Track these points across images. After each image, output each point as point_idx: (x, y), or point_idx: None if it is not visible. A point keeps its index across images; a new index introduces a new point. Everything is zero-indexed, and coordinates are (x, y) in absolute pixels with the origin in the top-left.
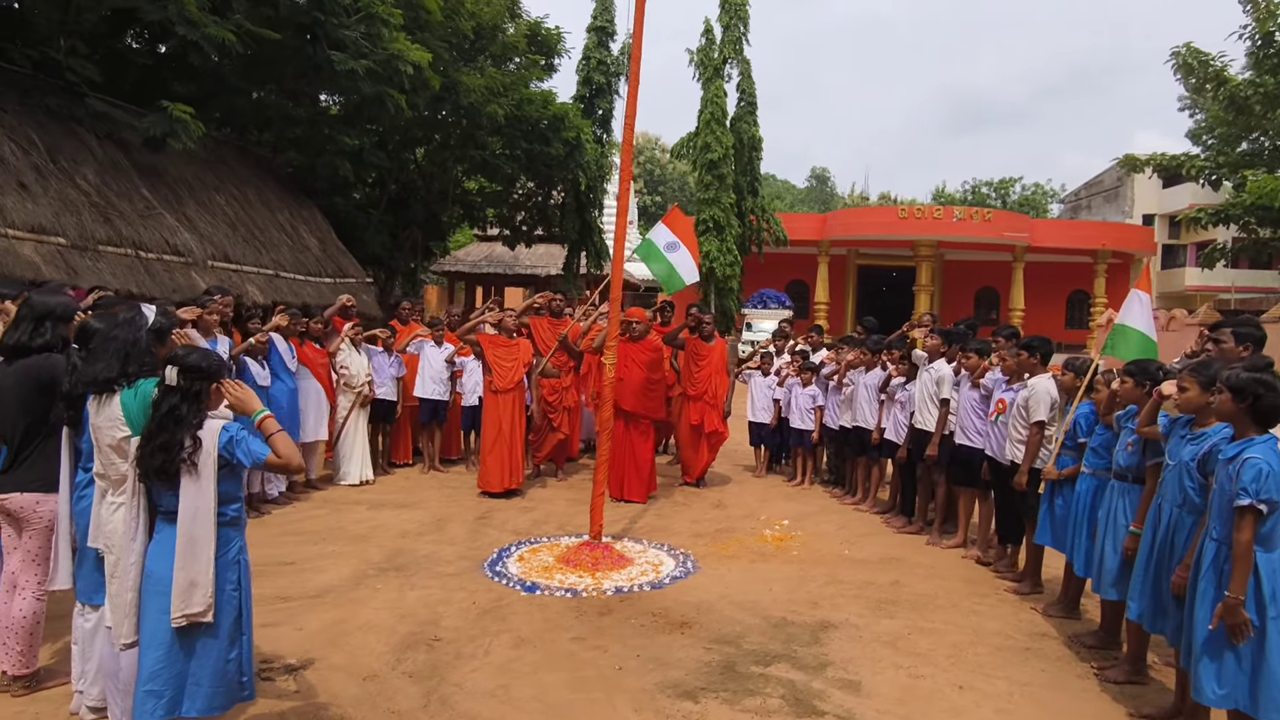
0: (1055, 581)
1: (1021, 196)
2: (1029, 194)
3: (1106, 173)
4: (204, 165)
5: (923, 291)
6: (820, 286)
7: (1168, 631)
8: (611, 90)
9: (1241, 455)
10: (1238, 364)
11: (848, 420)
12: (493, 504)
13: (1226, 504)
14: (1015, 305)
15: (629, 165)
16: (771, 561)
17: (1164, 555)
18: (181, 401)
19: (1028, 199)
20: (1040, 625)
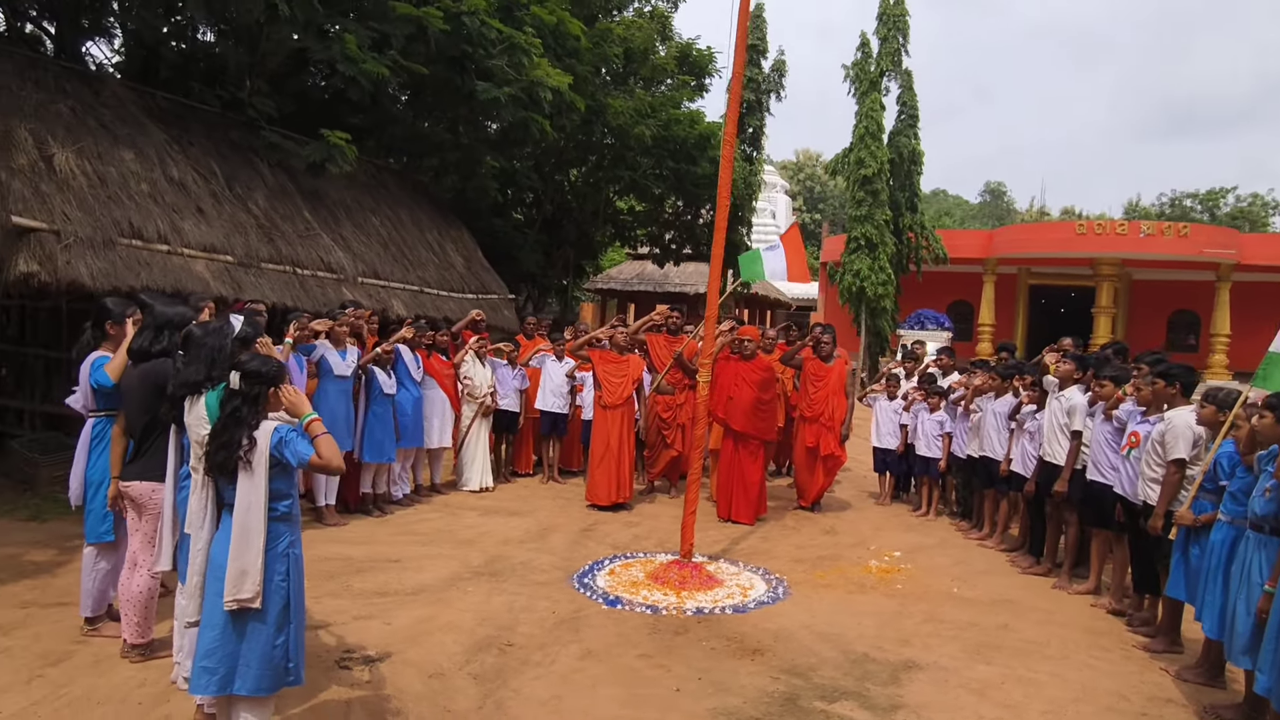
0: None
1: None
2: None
3: None
4: (363, 189)
5: (1103, 314)
6: (985, 307)
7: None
8: (762, 108)
9: None
10: None
11: (975, 449)
12: (599, 517)
13: None
14: (1219, 330)
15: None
16: (870, 593)
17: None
18: (242, 404)
19: (1242, 212)
20: (1168, 689)
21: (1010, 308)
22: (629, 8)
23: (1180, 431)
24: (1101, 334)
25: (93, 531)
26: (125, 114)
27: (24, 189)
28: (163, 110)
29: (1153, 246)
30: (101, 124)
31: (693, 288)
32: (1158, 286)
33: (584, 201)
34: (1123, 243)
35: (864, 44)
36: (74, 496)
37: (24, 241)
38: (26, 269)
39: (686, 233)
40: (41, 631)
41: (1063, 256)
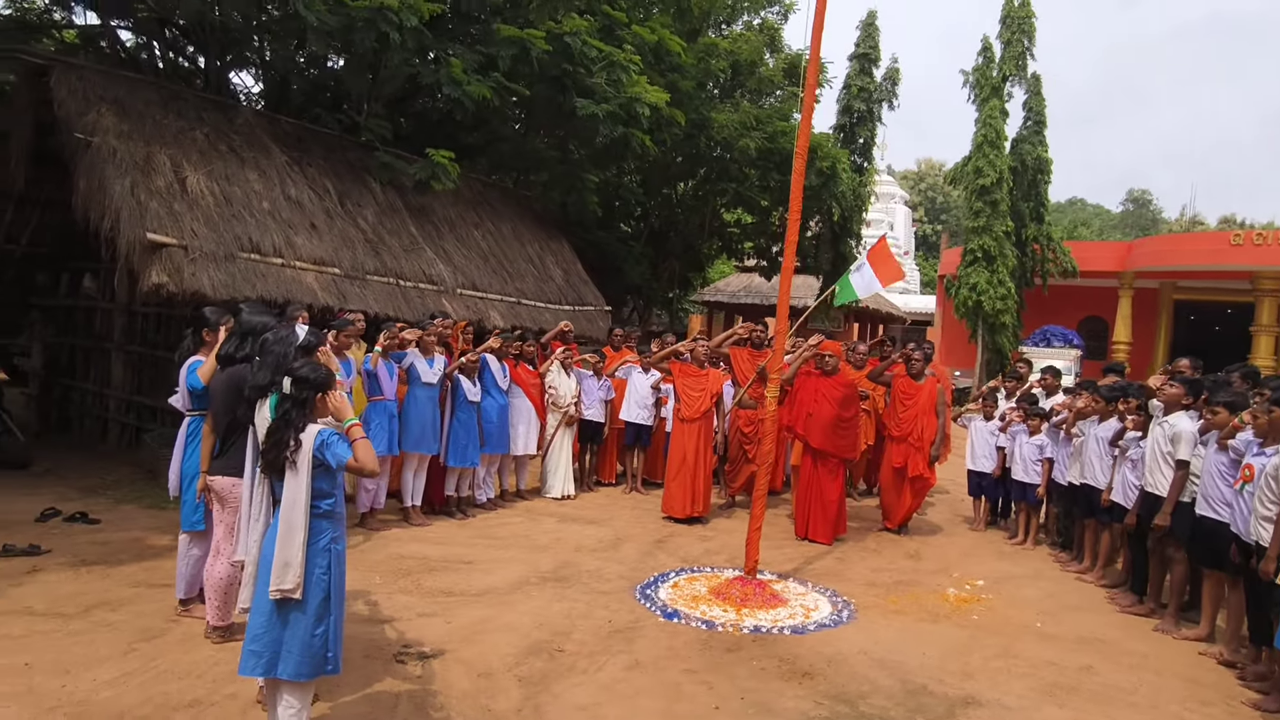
0: None
1: None
2: None
3: None
4: (467, 205)
5: (1264, 333)
6: (1121, 324)
7: None
8: (873, 118)
9: None
10: None
11: (1075, 476)
12: (675, 529)
13: None
14: None
15: (803, 158)
16: (942, 623)
17: None
18: (292, 407)
19: None
20: None
21: (1151, 324)
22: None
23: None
24: (1262, 355)
25: (186, 520)
26: (253, 138)
27: (160, 209)
28: (286, 134)
29: None
30: (231, 148)
31: (800, 300)
32: None
33: (690, 214)
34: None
35: (985, 48)
36: (172, 487)
37: (156, 256)
38: (157, 280)
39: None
40: (144, 609)
41: (1214, 269)
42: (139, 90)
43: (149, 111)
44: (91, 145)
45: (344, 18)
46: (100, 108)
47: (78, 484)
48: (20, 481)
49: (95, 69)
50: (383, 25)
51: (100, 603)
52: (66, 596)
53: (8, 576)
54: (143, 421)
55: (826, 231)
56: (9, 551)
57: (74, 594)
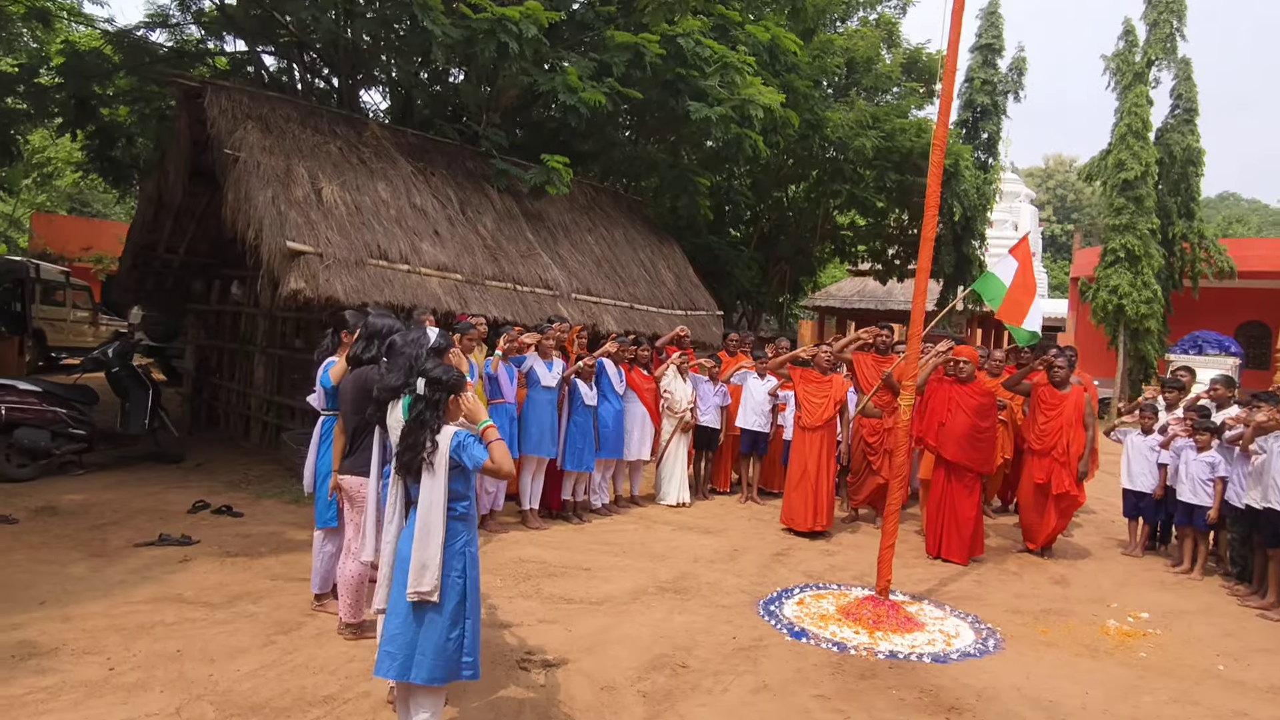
0: None
1: None
2: None
3: None
4: (581, 210)
5: None
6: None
7: None
8: (998, 110)
9: None
10: None
11: (1256, 498)
12: (794, 542)
13: None
14: None
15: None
16: (1103, 659)
17: None
18: (426, 409)
19: None
20: None
21: None
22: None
23: None
24: None
25: (320, 517)
26: (382, 150)
27: (298, 218)
28: (411, 145)
29: None
30: (361, 160)
31: None
32: None
33: (802, 217)
34: None
35: (1128, 31)
36: (306, 485)
37: (295, 263)
38: (295, 286)
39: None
40: (282, 602)
41: None
42: (280, 108)
43: (289, 128)
44: (239, 160)
45: (466, 30)
46: (246, 125)
47: (224, 478)
48: (174, 475)
49: (243, 89)
50: (502, 35)
51: (243, 594)
52: (213, 586)
53: (164, 564)
54: (282, 420)
55: (948, 232)
56: (165, 541)
57: (219, 584)
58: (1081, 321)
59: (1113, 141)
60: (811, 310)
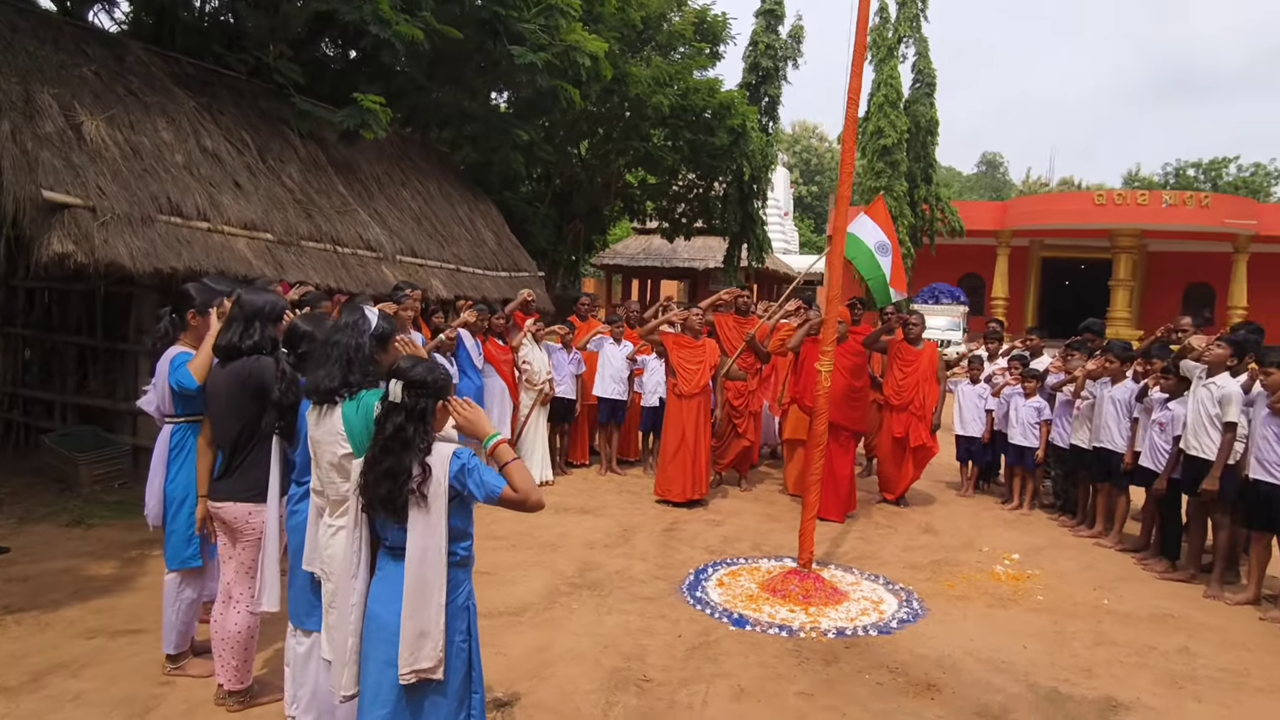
0: None
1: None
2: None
3: None
4: (391, 161)
5: (1120, 287)
6: (999, 280)
7: None
8: (779, 75)
9: None
10: None
11: (1084, 439)
12: (676, 514)
13: None
14: (1236, 303)
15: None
16: (1013, 608)
17: None
18: (407, 421)
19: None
20: None
21: (1022, 280)
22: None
23: None
24: (1119, 308)
25: (175, 556)
26: (153, 80)
27: (54, 160)
28: (189, 77)
29: (1174, 218)
30: (130, 91)
31: (702, 263)
32: (1174, 258)
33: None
34: (1144, 214)
35: (882, 8)
36: (152, 516)
37: (57, 218)
38: (61, 249)
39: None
40: (117, 671)
41: (1080, 228)
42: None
43: (19, 42)
44: None
45: None
46: None
47: None
48: None
49: None
50: None
51: (54, 666)
52: (2, 662)
53: None
54: (32, 418)
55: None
56: None
57: (10, 657)
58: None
59: (871, 110)
60: (598, 269)
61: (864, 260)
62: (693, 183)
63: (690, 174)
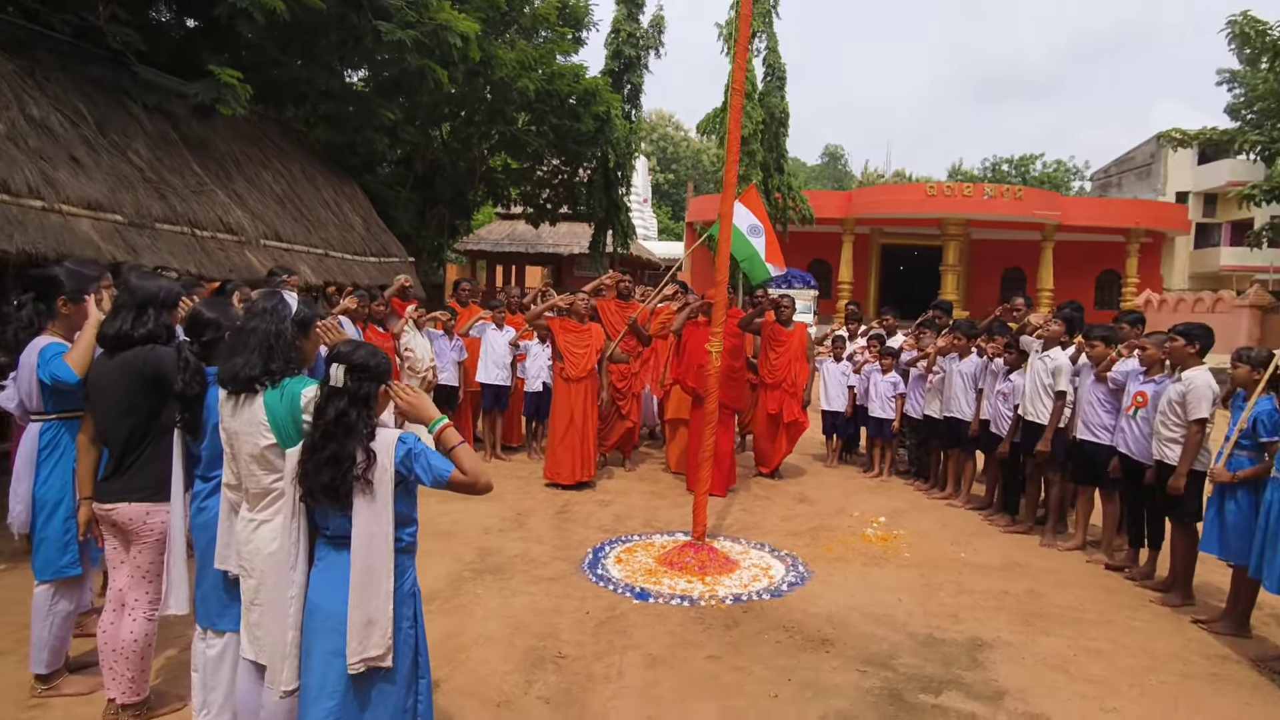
0: (1203, 590)
1: (1042, 174)
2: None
3: (1139, 149)
4: (248, 140)
5: (949, 272)
6: (844, 266)
7: None
8: (641, 64)
9: None
10: None
11: (935, 410)
12: (567, 497)
13: None
14: (1044, 285)
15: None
16: (885, 566)
17: None
18: (350, 406)
19: (1049, 176)
20: (1212, 645)
21: (865, 266)
22: None
23: (1203, 392)
24: (949, 291)
25: (49, 566)
26: None
27: None
28: (4, 35)
29: (994, 208)
30: None
31: (567, 249)
32: (993, 245)
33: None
34: (969, 204)
35: (737, 2)
36: (18, 524)
37: None
38: None
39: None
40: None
41: (915, 217)
42: None
43: None
44: None
45: None
46: None
47: None
48: None
49: None
50: None
51: None
52: None
53: None
54: None
55: (599, 178)
56: None
57: None
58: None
59: (727, 102)
60: (461, 254)
61: (737, 242)
62: (557, 168)
63: (555, 160)
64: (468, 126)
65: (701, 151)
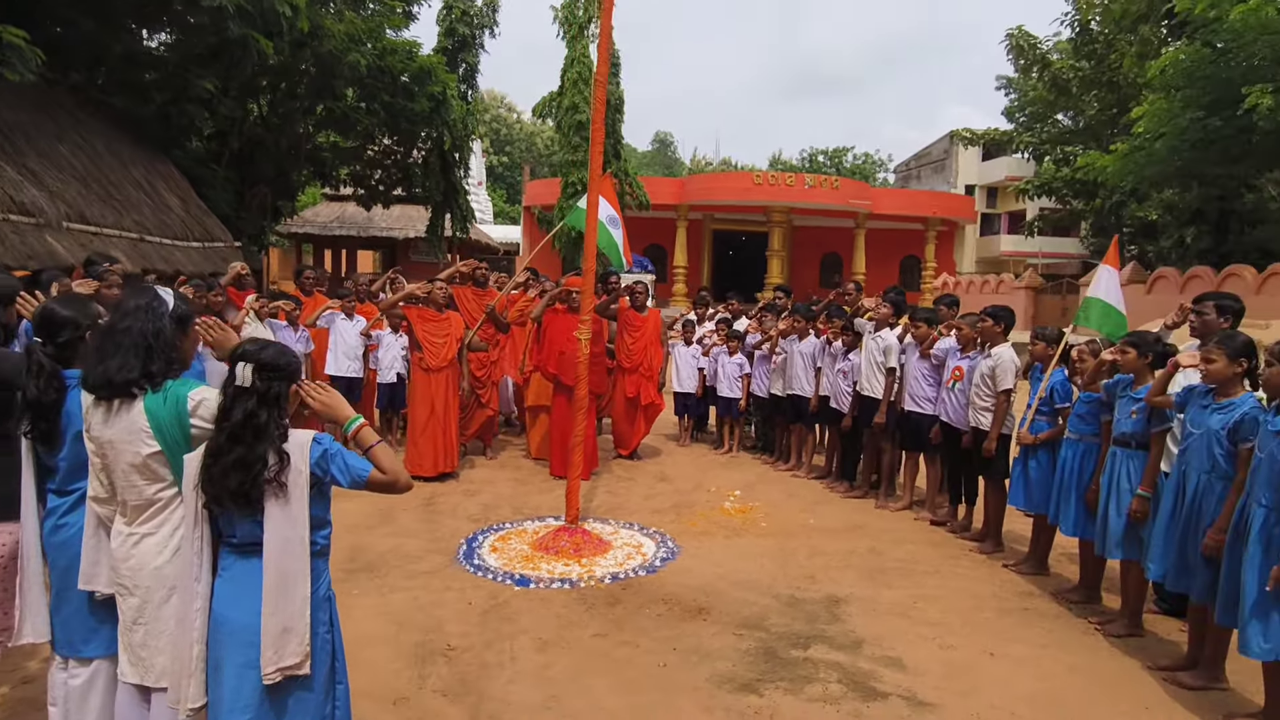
0: (1010, 538)
1: (853, 165)
2: (859, 163)
3: (934, 145)
4: (36, 109)
5: (775, 257)
6: (679, 251)
7: (1194, 589)
8: (476, 43)
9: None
10: None
11: (779, 388)
12: (431, 489)
13: (1278, 474)
14: (857, 270)
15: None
16: (745, 536)
17: (1191, 520)
18: (260, 407)
19: (858, 168)
20: (1021, 584)
21: (698, 251)
22: None
23: (1008, 366)
24: (774, 275)
25: None
26: None
27: None
28: None
29: (814, 197)
30: None
31: (401, 232)
32: (813, 232)
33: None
34: (792, 193)
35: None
36: None
37: None
38: None
39: (399, 173)
40: None
41: (743, 204)
42: None
43: None
44: None
45: None
46: None
47: None
48: None
49: None
50: None
51: None
52: None
53: None
54: None
55: (436, 160)
56: None
57: None
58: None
59: (564, 86)
60: (285, 238)
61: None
62: (390, 148)
63: (388, 139)
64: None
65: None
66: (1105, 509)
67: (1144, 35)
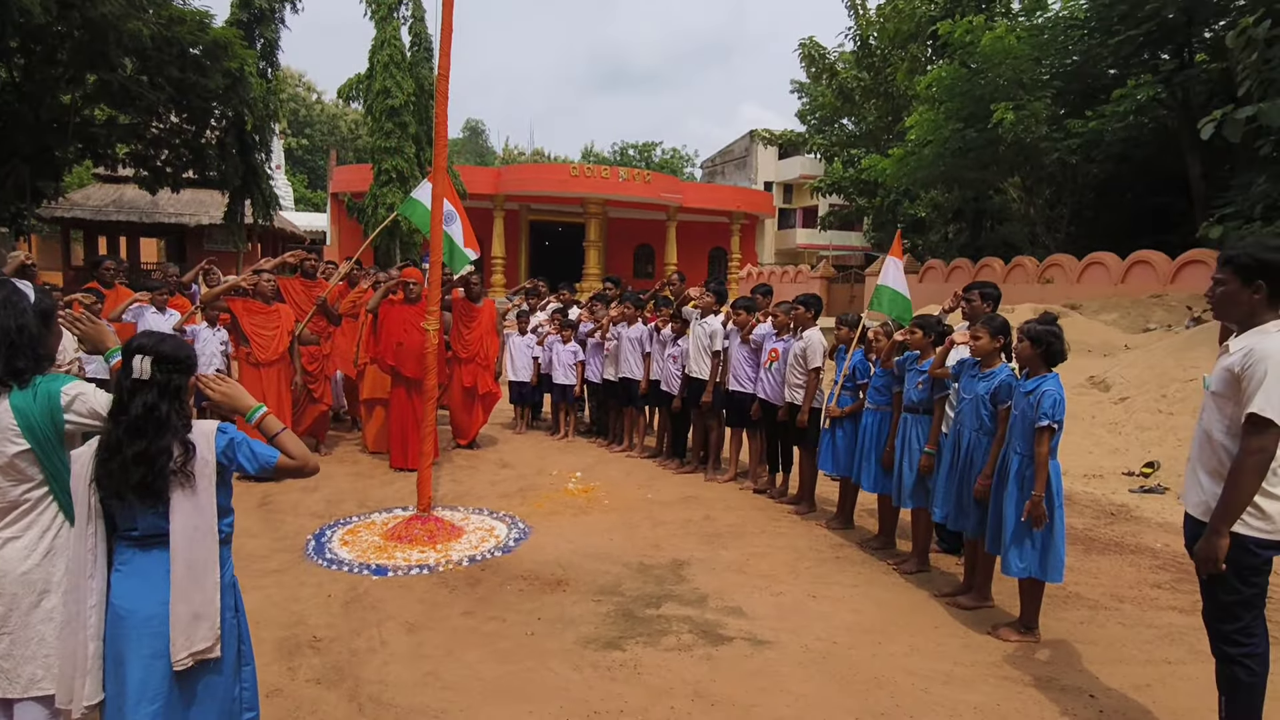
0: (820, 499)
1: (662, 159)
2: (668, 158)
3: (737, 143)
4: None
5: (592, 247)
6: (496, 241)
7: (968, 527)
8: (275, 17)
9: (1040, 389)
10: (1034, 320)
11: (612, 374)
12: (265, 488)
13: (1028, 427)
14: (669, 260)
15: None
16: (592, 513)
17: (965, 470)
18: (160, 400)
19: (667, 162)
20: (832, 538)
21: (516, 241)
22: None
23: (817, 347)
24: (592, 265)
25: None
26: None
27: None
28: None
29: (628, 190)
30: None
31: (193, 218)
32: (627, 224)
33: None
34: (606, 185)
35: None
36: None
37: None
38: None
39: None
40: None
41: (560, 196)
42: None
43: None
44: None
45: None
46: None
47: None
48: None
49: None
50: None
51: None
52: None
53: None
54: None
55: (234, 141)
56: None
57: None
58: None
59: (375, 69)
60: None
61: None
62: (179, 126)
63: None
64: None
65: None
66: (899, 467)
67: (913, 53)
